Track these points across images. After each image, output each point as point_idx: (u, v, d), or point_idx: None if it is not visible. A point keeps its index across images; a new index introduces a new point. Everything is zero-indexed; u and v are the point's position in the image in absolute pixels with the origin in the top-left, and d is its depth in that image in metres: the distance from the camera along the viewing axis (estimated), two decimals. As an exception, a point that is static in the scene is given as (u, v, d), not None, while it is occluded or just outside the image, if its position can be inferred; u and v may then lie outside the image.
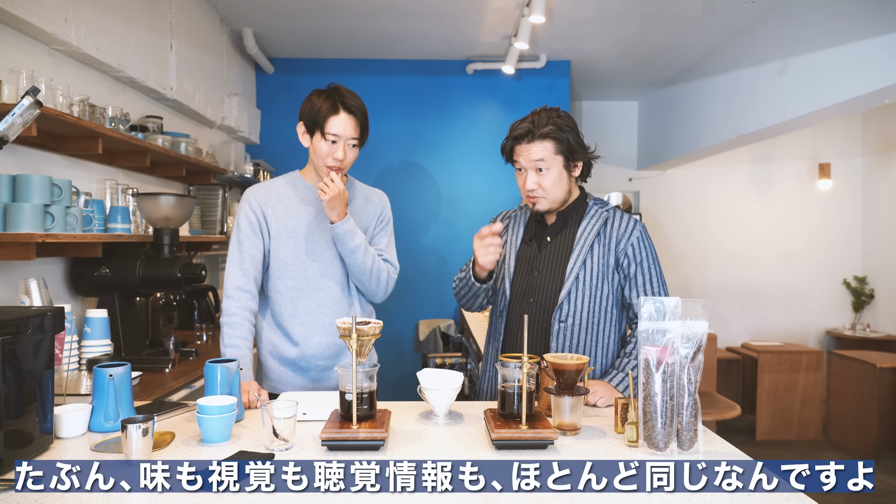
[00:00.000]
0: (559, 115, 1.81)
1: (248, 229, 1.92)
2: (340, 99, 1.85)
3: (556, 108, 1.84)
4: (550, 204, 1.84)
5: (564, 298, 1.80)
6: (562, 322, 1.81)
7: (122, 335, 2.46)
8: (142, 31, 3.02)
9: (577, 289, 1.80)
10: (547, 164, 1.80)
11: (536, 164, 1.80)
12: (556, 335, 1.81)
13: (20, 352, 1.28)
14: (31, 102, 1.60)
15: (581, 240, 1.83)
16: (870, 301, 6.08)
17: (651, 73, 5.40)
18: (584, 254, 1.82)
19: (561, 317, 1.81)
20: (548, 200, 1.84)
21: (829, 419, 4.85)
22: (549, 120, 1.80)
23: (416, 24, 4.26)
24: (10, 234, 1.95)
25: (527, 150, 1.80)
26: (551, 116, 1.80)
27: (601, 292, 1.81)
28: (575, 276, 1.80)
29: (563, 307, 1.80)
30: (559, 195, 1.84)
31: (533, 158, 1.80)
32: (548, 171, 1.80)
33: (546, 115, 1.81)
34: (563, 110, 1.84)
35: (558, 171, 1.81)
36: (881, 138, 6.03)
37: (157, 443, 1.36)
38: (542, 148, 1.79)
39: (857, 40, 3.26)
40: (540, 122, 1.80)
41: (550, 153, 1.79)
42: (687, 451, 1.36)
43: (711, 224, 6.31)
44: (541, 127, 1.79)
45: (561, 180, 1.82)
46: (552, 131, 1.78)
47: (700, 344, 1.37)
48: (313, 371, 1.96)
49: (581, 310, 1.80)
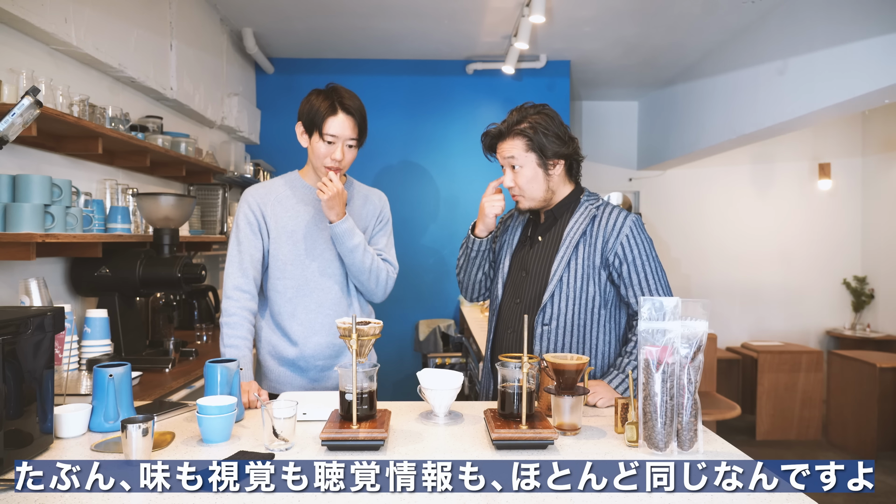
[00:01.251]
0: (537, 112, 1.78)
1: (248, 229, 1.92)
2: (339, 99, 1.85)
3: (536, 105, 1.81)
4: (530, 202, 1.83)
5: (548, 301, 1.77)
6: (545, 325, 1.77)
7: (122, 335, 2.46)
8: (142, 31, 3.02)
9: (561, 291, 1.76)
10: (519, 161, 1.79)
11: (509, 160, 1.80)
12: (539, 338, 1.78)
13: (20, 352, 1.28)
14: (31, 102, 1.60)
15: (567, 240, 1.79)
16: (870, 301, 6.08)
17: (651, 73, 5.40)
18: (568, 254, 1.77)
19: (544, 320, 1.77)
20: (526, 199, 1.83)
21: (829, 419, 4.85)
22: (522, 118, 1.78)
23: (415, 24, 4.26)
24: (10, 234, 1.95)
25: (500, 148, 1.82)
26: (527, 114, 1.78)
27: (586, 294, 1.76)
28: (559, 278, 1.76)
29: (545, 310, 1.77)
30: (536, 194, 1.81)
31: (505, 156, 1.81)
32: (521, 169, 1.79)
33: (519, 113, 1.80)
34: (545, 106, 1.81)
35: (532, 170, 1.79)
36: (881, 138, 6.03)
37: (157, 443, 1.36)
38: (512, 145, 1.78)
39: (857, 40, 3.26)
40: (512, 120, 1.79)
41: (521, 150, 1.78)
42: (687, 451, 1.36)
43: (711, 224, 6.31)
44: (512, 125, 1.78)
45: (536, 178, 1.79)
46: (523, 129, 1.76)
47: (700, 344, 1.36)
48: (312, 371, 1.96)
49: (565, 312, 1.76)
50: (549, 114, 1.80)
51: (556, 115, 1.81)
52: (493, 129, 1.83)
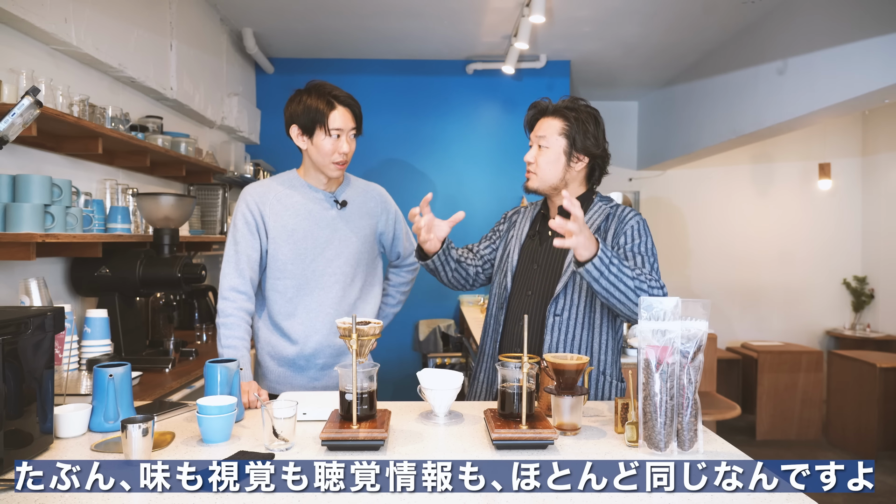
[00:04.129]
0: (587, 108, 1.84)
1: (245, 229, 1.91)
2: (332, 94, 1.87)
3: (584, 100, 1.87)
4: (539, 183, 1.84)
5: (560, 291, 1.78)
6: (557, 315, 1.79)
7: (122, 335, 2.46)
8: (142, 31, 3.02)
9: (574, 282, 1.79)
10: (548, 141, 1.81)
11: (539, 138, 1.83)
12: (550, 329, 1.78)
13: (20, 352, 1.28)
14: (31, 102, 1.60)
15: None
16: (870, 301, 6.08)
17: (651, 73, 5.40)
18: None
19: (556, 310, 1.79)
20: (538, 178, 1.84)
21: (829, 419, 4.84)
22: (573, 106, 1.83)
23: (416, 24, 4.26)
24: (10, 234, 1.95)
25: (538, 125, 1.85)
26: (578, 105, 1.84)
27: None
28: (572, 270, 1.78)
29: (558, 300, 1.79)
30: (550, 178, 1.83)
31: (538, 133, 1.83)
32: (546, 149, 1.82)
33: (571, 99, 1.85)
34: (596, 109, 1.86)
35: (556, 153, 1.81)
36: (881, 138, 6.03)
37: (157, 443, 1.36)
38: (550, 125, 1.82)
39: (857, 40, 3.26)
40: (563, 104, 1.84)
41: (555, 132, 1.81)
42: (687, 451, 1.36)
43: (711, 224, 6.31)
44: (561, 107, 1.83)
45: (557, 163, 1.82)
46: (567, 112, 1.81)
47: (700, 344, 1.36)
48: (312, 370, 1.96)
49: (577, 304, 1.78)
50: (597, 116, 1.86)
51: (602, 121, 1.87)
52: (544, 104, 1.87)
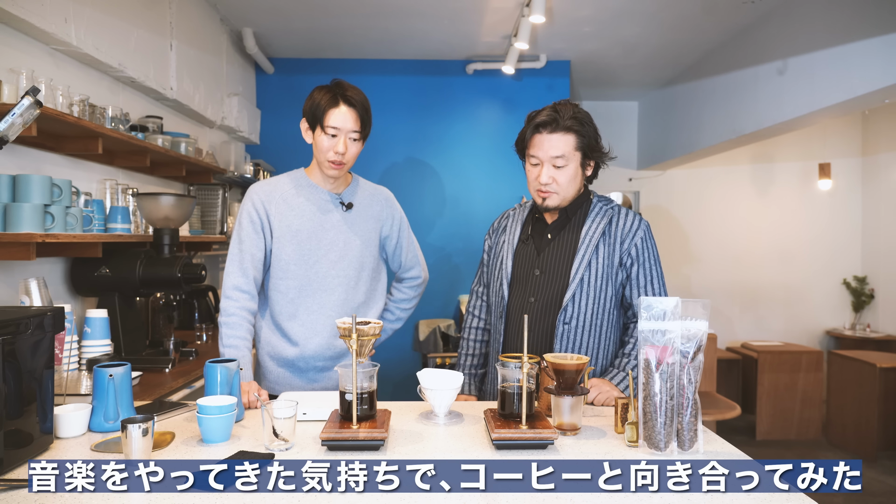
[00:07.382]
0: (581, 111, 1.77)
1: (250, 228, 1.90)
2: (341, 92, 1.84)
3: (575, 103, 1.79)
4: (561, 200, 1.80)
5: (569, 301, 1.77)
6: (566, 324, 1.78)
7: (122, 335, 2.46)
8: (142, 31, 3.02)
9: (582, 291, 1.77)
10: (566, 159, 1.75)
11: (555, 159, 1.75)
12: (559, 337, 1.78)
13: (20, 352, 1.28)
14: (31, 102, 1.60)
15: (586, 240, 1.80)
16: (870, 301, 6.08)
17: (651, 73, 5.40)
18: (589, 254, 1.78)
19: (565, 319, 1.78)
20: (560, 196, 1.79)
21: (829, 419, 4.85)
22: (573, 112, 1.75)
23: (416, 24, 4.26)
24: (10, 234, 1.95)
25: (547, 141, 1.75)
26: (575, 110, 1.75)
27: (605, 294, 1.79)
28: (580, 278, 1.77)
29: (567, 309, 1.77)
30: (570, 193, 1.80)
31: (552, 154, 1.74)
32: (565, 167, 1.76)
33: (570, 107, 1.75)
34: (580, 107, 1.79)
35: (575, 168, 1.77)
36: (881, 138, 6.03)
37: (157, 443, 1.36)
38: (565, 142, 1.74)
39: (857, 40, 3.26)
40: (565, 113, 1.74)
41: (571, 148, 1.75)
42: (687, 451, 1.36)
43: (711, 224, 6.31)
44: (565, 118, 1.73)
45: (576, 177, 1.79)
46: (575, 125, 1.74)
47: (700, 344, 1.36)
48: (311, 372, 1.96)
49: (585, 312, 1.78)
50: (591, 118, 1.80)
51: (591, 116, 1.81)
52: (547, 116, 1.74)
